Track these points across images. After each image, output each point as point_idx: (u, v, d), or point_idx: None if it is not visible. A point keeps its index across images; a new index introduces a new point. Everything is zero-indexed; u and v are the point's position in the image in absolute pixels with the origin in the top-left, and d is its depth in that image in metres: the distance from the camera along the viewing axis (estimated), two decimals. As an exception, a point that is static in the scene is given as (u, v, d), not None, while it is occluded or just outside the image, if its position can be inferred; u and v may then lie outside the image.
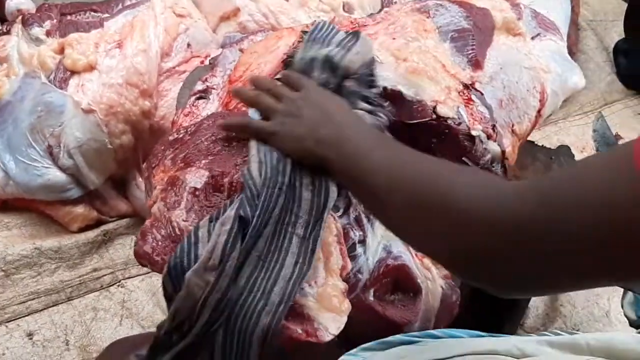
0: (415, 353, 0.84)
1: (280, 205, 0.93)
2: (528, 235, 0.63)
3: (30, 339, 1.26)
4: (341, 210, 1.05)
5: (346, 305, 0.96)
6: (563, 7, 1.82)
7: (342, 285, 0.97)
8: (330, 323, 0.93)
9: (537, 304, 1.42)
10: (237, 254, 0.89)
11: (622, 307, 1.30)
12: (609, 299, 1.44)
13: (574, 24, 1.98)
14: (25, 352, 1.25)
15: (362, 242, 1.05)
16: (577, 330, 1.27)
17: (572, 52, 1.87)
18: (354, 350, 0.88)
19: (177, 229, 0.98)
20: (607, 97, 1.94)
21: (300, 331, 0.91)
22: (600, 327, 1.37)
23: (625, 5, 2.06)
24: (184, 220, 0.98)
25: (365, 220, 1.07)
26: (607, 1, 2.24)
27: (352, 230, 1.05)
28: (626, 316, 1.29)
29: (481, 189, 0.70)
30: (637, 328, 1.26)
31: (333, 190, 0.98)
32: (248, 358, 0.89)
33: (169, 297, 0.92)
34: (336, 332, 0.93)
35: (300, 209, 0.95)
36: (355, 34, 1.13)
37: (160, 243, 0.98)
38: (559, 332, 0.90)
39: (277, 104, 1.00)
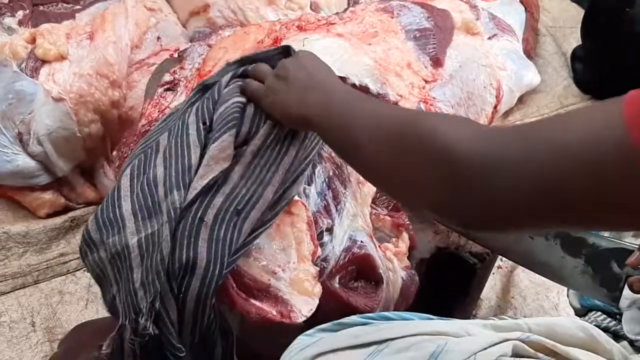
0: (368, 333, 0.88)
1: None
2: (502, 168, 0.63)
3: (-3, 320, 1.29)
4: (311, 198, 1.07)
5: (317, 289, 1.00)
6: (518, 12, 1.88)
7: (314, 270, 1.01)
8: (303, 305, 0.97)
9: (489, 295, 1.46)
10: None
11: (567, 296, 1.34)
12: (558, 292, 1.49)
13: (533, 30, 2.04)
14: (-8, 333, 1.27)
15: (330, 230, 1.08)
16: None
17: (530, 56, 1.93)
18: (311, 330, 0.91)
19: None
20: (564, 100, 1.98)
21: (275, 313, 0.95)
22: (549, 319, 1.42)
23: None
24: None
25: (333, 210, 1.09)
26: (566, 9, 2.29)
27: (321, 218, 1.07)
28: (572, 306, 1.34)
29: (460, 127, 0.69)
30: (581, 317, 1.31)
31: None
32: None
33: None
34: (308, 314, 0.97)
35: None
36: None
37: None
38: (504, 317, 0.95)
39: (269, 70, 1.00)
